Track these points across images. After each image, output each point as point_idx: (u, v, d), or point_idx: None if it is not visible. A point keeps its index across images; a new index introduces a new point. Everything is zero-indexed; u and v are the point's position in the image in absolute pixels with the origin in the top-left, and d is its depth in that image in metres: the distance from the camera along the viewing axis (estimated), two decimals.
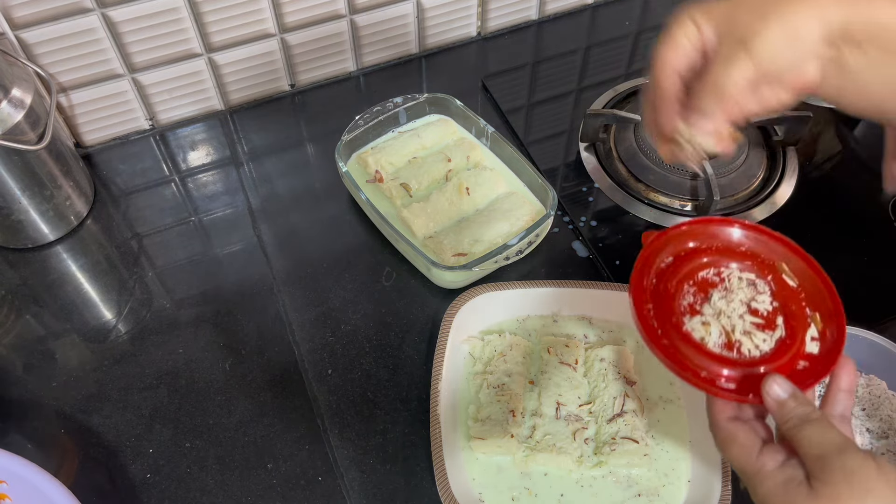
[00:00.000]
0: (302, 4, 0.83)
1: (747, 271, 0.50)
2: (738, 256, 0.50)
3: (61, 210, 0.76)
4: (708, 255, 0.50)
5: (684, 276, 0.49)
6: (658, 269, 0.49)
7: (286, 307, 0.72)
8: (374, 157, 0.79)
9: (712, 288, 0.49)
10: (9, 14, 0.71)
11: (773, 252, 0.50)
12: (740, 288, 0.49)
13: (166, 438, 0.64)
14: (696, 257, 0.50)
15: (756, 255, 0.50)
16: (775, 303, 0.48)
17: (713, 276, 0.49)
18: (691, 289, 0.49)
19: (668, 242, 0.50)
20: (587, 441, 0.61)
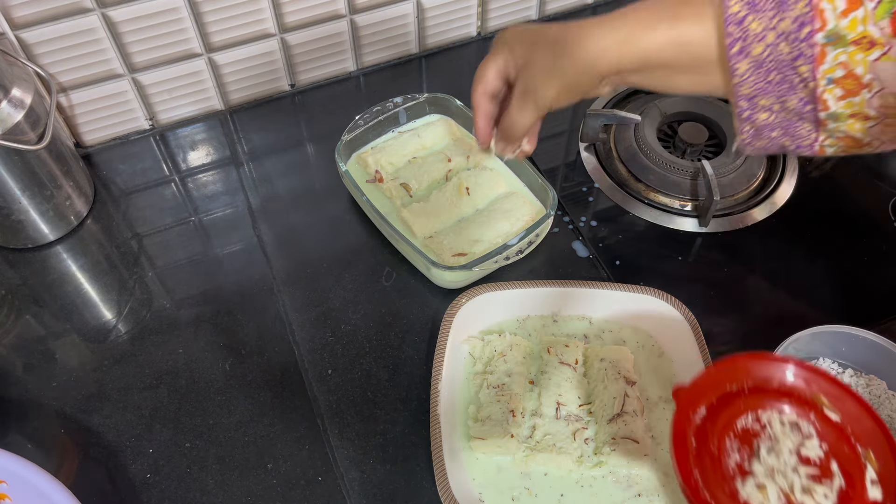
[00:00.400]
0: (302, 4, 0.83)
1: (788, 412, 0.47)
2: (774, 395, 0.48)
3: (61, 210, 0.76)
4: (742, 398, 0.47)
5: (723, 428, 0.46)
6: (695, 426, 0.47)
7: (286, 307, 0.72)
8: (374, 157, 0.79)
9: (756, 438, 0.46)
10: (9, 14, 0.71)
11: (808, 382, 0.48)
12: (785, 434, 0.46)
13: (166, 438, 0.64)
14: (730, 404, 0.47)
15: (791, 389, 0.48)
16: (824, 445, 0.46)
17: (753, 423, 0.47)
18: (734, 443, 0.46)
19: (699, 393, 0.48)
20: (587, 441, 0.61)
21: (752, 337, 0.68)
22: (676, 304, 0.66)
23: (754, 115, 0.47)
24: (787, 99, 0.45)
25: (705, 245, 0.76)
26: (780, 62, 0.43)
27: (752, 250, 0.75)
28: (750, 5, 0.43)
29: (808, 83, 0.43)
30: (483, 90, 0.53)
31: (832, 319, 0.63)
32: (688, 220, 0.77)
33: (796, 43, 0.42)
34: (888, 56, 0.40)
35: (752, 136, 0.48)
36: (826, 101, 0.43)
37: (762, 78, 0.45)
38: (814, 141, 0.46)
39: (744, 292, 0.72)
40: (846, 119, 0.44)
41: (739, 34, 0.43)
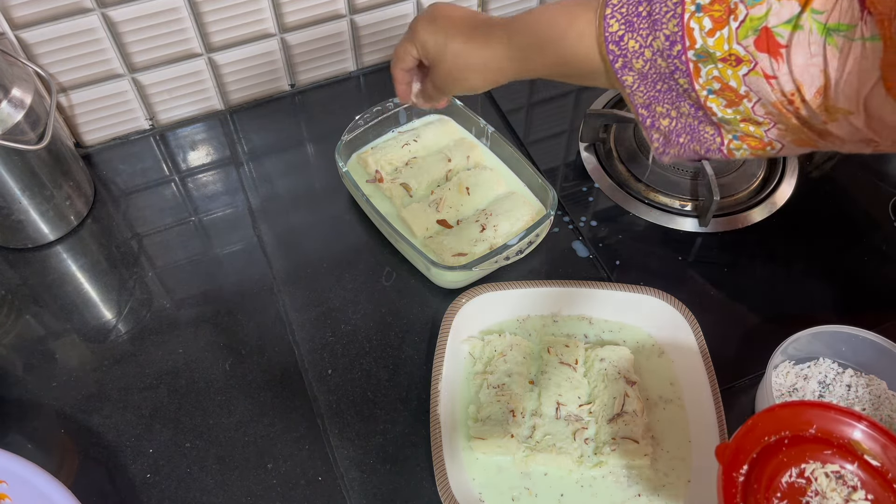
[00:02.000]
0: (302, 4, 0.83)
1: (830, 462, 0.47)
2: (814, 444, 0.48)
3: (61, 210, 0.76)
4: (782, 451, 0.47)
5: (768, 487, 0.46)
6: (741, 487, 0.46)
7: (286, 307, 0.72)
8: (374, 157, 0.79)
9: (803, 496, 0.46)
10: (9, 14, 0.71)
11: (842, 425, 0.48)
12: (832, 489, 0.46)
13: (166, 438, 0.64)
14: (772, 458, 0.47)
15: (829, 436, 0.48)
16: (870, 495, 0.46)
17: (798, 478, 0.47)
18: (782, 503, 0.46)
19: (741, 449, 0.48)
20: (587, 441, 0.61)
21: (752, 337, 0.68)
22: (676, 304, 0.66)
23: (656, 121, 0.49)
24: (680, 105, 0.47)
25: (705, 245, 0.76)
26: (660, 74, 0.46)
27: (752, 250, 0.75)
28: (627, 25, 0.45)
29: (690, 94, 0.45)
30: (401, 67, 0.60)
31: (832, 319, 0.63)
32: (688, 220, 0.77)
33: (671, 59, 0.44)
34: (755, 71, 0.42)
35: (663, 144, 0.51)
36: (711, 109, 0.45)
37: (651, 87, 0.47)
38: (720, 144, 0.48)
39: (744, 292, 0.72)
40: (738, 123, 0.46)
41: (619, 52, 0.46)
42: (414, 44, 0.57)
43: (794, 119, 0.43)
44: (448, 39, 0.54)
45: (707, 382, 0.62)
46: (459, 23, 0.54)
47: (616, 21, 0.46)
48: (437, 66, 0.56)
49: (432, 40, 0.55)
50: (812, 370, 0.64)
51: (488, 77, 0.54)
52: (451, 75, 0.55)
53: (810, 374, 0.64)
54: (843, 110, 0.41)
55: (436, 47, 0.55)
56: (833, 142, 0.44)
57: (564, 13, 0.49)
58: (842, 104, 0.40)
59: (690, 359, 0.64)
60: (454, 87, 0.56)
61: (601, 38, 0.47)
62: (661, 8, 0.44)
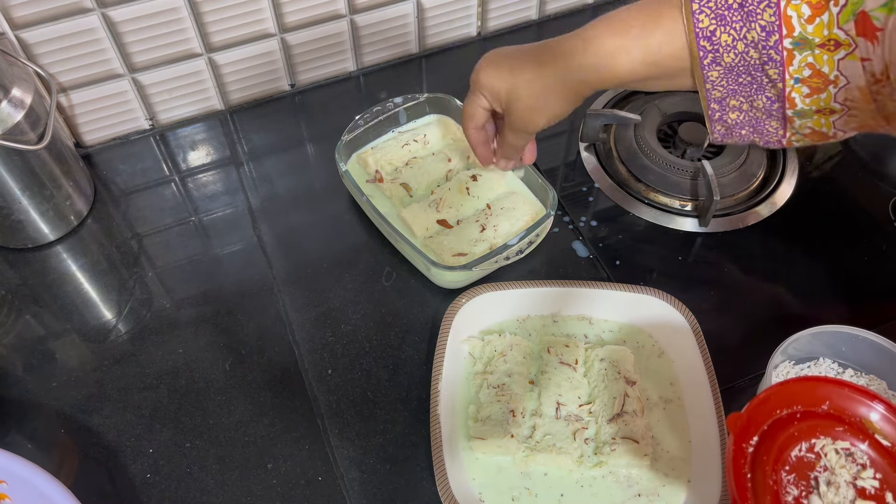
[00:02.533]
0: (302, 4, 0.83)
1: (840, 439, 0.47)
2: (825, 420, 0.48)
3: (61, 210, 0.76)
4: (794, 424, 0.48)
5: (777, 460, 0.46)
6: (750, 458, 0.47)
7: (286, 307, 0.72)
8: (374, 157, 0.79)
9: (811, 470, 0.46)
10: (9, 14, 0.71)
11: (856, 403, 0.48)
12: (841, 466, 0.46)
13: (166, 438, 0.64)
14: (782, 431, 0.47)
15: (842, 413, 0.48)
16: (878, 475, 0.46)
17: (807, 453, 0.47)
18: (790, 476, 0.46)
19: (752, 420, 0.48)
20: (587, 441, 0.61)
21: (752, 337, 0.68)
22: (676, 304, 0.66)
23: (725, 115, 0.49)
24: (756, 98, 0.47)
25: (705, 245, 0.76)
26: (749, 66, 0.45)
27: (752, 250, 0.75)
28: (719, 19, 0.44)
29: (777, 84, 0.45)
30: (474, 126, 0.58)
31: (832, 319, 0.63)
32: (688, 220, 0.77)
33: (765, 49, 0.44)
34: (853, 55, 0.42)
35: (723, 135, 0.51)
36: (793, 100, 0.45)
37: (732, 81, 0.47)
38: (781, 137, 0.49)
39: (744, 292, 0.72)
40: (812, 115, 0.46)
41: (711, 47, 0.45)
42: (482, 93, 0.54)
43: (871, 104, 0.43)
44: (515, 73, 0.52)
45: (707, 382, 0.62)
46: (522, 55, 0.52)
47: (706, 16, 0.45)
48: (513, 106, 0.53)
49: (500, 81, 0.53)
50: (812, 370, 0.64)
51: (569, 95, 0.52)
52: (529, 108, 0.53)
53: (810, 374, 0.63)
54: None
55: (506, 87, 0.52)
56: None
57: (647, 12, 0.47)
58: None
59: (690, 359, 0.64)
60: (536, 119, 0.54)
61: (692, 35, 0.45)
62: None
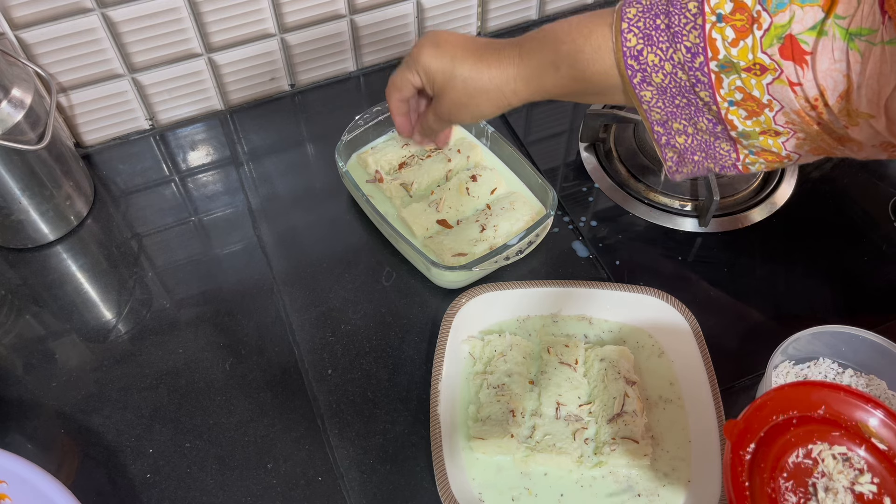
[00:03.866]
0: (302, 4, 0.83)
1: (837, 444, 0.47)
2: (822, 425, 0.47)
3: (61, 210, 0.76)
4: (790, 430, 0.47)
5: (775, 466, 0.46)
6: (748, 466, 0.46)
7: (286, 307, 0.72)
8: (374, 157, 0.79)
9: (809, 477, 0.46)
10: (9, 14, 0.71)
11: (851, 407, 0.48)
12: (839, 471, 0.46)
13: (166, 438, 0.64)
14: (779, 437, 0.47)
15: (837, 417, 0.48)
16: (876, 479, 0.46)
17: (805, 459, 0.47)
18: (788, 483, 0.46)
19: (749, 427, 0.47)
20: (587, 441, 0.61)
21: (752, 337, 0.68)
22: (676, 304, 0.66)
23: (672, 139, 0.49)
24: (697, 120, 0.47)
25: (705, 245, 0.76)
26: (681, 88, 0.45)
27: (752, 250, 0.75)
28: (646, 38, 0.45)
29: (711, 106, 0.45)
30: (399, 97, 0.57)
31: (832, 319, 0.63)
32: (688, 220, 0.77)
33: (692, 71, 0.44)
34: (780, 80, 0.42)
35: (677, 162, 0.50)
36: (732, 122, 0.45)
37: (669, 103, 0.47)
38: (735, 160, 0.48)
39: (744, 292, 0.72)
40: (757, 136, 0.45)
41: (638, 67, 0.46)
42: (416, 71, 0.54)
43: (815, 125, 0.43)
44: (456, 64, 0.51)
45: (707, 382, 0.62)
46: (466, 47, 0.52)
47: (634, 35, 0.45)
48: (445, 94, 0.53)
49: (438, 66, 0.52)
50: (812, 370, 0.64)
51: (501, 101, 0.52)
52: (459, 102, 0.53)
53: (810, 374, 0.64)
54: (865, 114, 0.40)
55: (443, 73, 0.52)
56: (852, 147, 0.44)
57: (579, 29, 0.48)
58: (864, 108, 0.40)
59: (690, 359, 0.64)
60: (462, 114, 0.54)
61: (619, 53, 0.46)
62: (680, 20, 0.43)
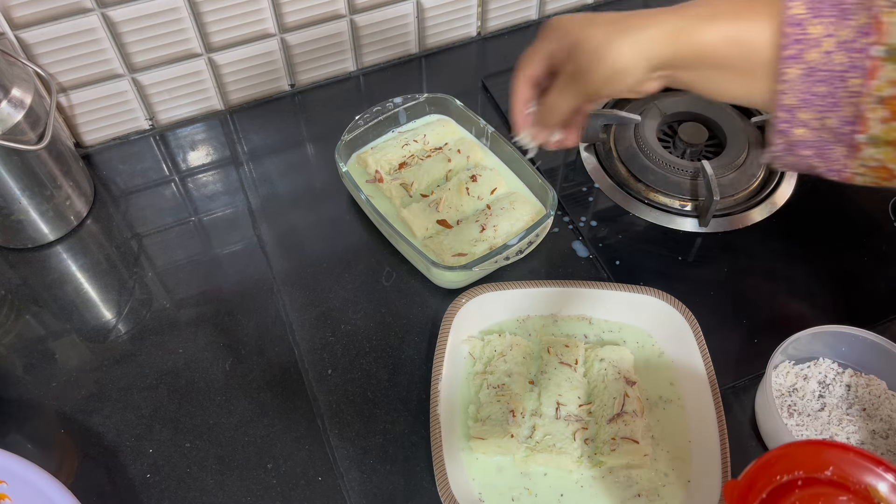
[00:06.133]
0: (302, 4, 0.83)
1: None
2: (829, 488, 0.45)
3: (61, 210, 0.76)
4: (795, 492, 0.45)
5: None
6: None
7: (286, 307, 0.72)
8: (374, 157, 0.79)
9: None
10: (9, 14, 0.71)
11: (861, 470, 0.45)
12: None
13: (166, 438, 0.64)
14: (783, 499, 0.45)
15: (846, 479, 0.45)
16: None
17: None
18: None
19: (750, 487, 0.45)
20: (587, 441, 0.61)
21: (752, 337, 0.68)
22: (676, 304, 0.66)
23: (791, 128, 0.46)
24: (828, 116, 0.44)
25: (705, 245, 0.76)
26: (831, 73, 0.42)
27: (752, 250, 0.75)
28: (812, 10, 0.42)
29: (855, 98, 0.42)
30: (524, 75, 0.51)
31: (832, 319, 0.63)
32: (688, 220, 0.77)
33: (853, 52, 0.41)
34: None
35: (784, 151, 0.47)
36: (867, 122, 0.42)
37: (808, 88, 0.44)
38: (843, 167, 0.45)
39: (744, 292, 0.72)
40: (883, 145, 0.43)
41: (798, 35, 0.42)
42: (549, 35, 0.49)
43: None
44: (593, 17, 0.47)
45: (707, 382, 0.62)
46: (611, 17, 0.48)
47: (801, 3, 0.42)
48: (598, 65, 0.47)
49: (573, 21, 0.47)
50: (812, 370, 0.64)
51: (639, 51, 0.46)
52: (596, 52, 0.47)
53: (810, 374, 0.64)
54: None
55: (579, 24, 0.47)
56: None
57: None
58: None
59: (690, 359, 0.64)
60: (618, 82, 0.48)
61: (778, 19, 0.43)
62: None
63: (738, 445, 0.61)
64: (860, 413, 0.61)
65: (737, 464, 0.58)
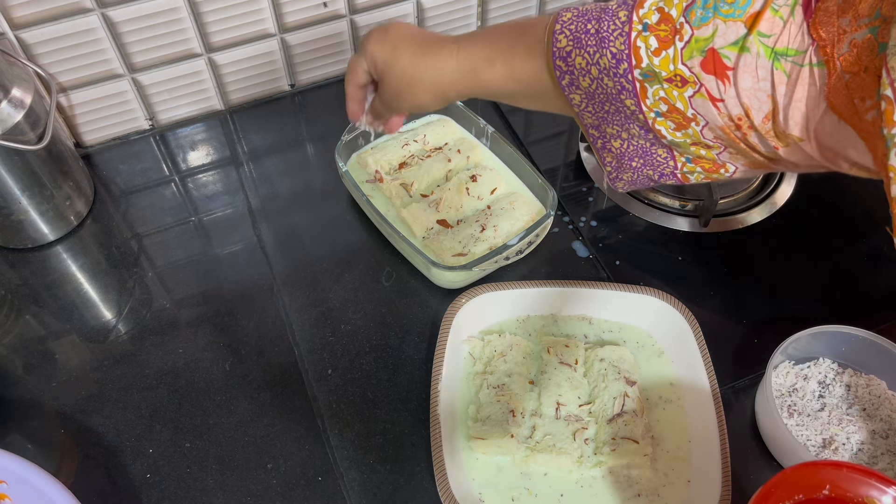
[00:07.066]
0: (302, 4, 0.83)
1: None
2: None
3: (61, 210, 0.76)
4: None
5: None
6: None
7: (286, 307, 0.72)
8: (374, 157, 0.79)
9: None
10: (9, 14, 0.71)
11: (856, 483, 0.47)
12: None
13: (166, 438, 0.64)
14: None
15: (843, 495, 0.47)
16: None
17: None
18: None
19: None
20: (587, 441, 0.61)
21: (752, 337, 0.68)
22: (676, 305, 0.66)
23: (607, 142, 0.48)
24: (629, 126, 0.46)
25: (705, 245, 0.76)
26: (608, 94, 0.45)
27: (752, 250, 0.75)
28: (575, 41, 0.45)
29: (638, 115, 0.44)
30: (354, 83, 0.58)
31: (832, 319, 0.63)
32: (688, 220, 0.77)
33: (617, 77, 0.44)
34: (701, 94, 0.41)
35: (616, 168, 0.50)
36: (660, 132, 0.45)
37: (598, 108, 0.47)
38: (674, 168, 0.47)
39: (744, 292, 0.72)
40: (689, 147, 0.45)
41: (566, 68, 0.46)
42: (364, 57, 0.56)
43: (742, 144, 0.43)
44: (397, 52, 0.53)
45: (707, 382, 0.62)
46: (411, 38, 0.53)
47: (564, 37, 0.45)
48: (386, 81, 0.55)
49: (381, 53, 0.54)
50: (812, 370, 0.64)
51: (438, 92, 0.53)
52: (398, 90, 0.54)
53: (810, 374, 0.64)
54: (795, 137, 0.40)
55: (384, 60, 0.54)
56: (786, 166, 0.44)
57: (518, 28, 0.49)
58: (792, 130, 0.40)
59: (690, 359, 0.64)
60: (402, 102, 0.55)
61: (549, 54, 0.46)
62: (609, 26, 0.43)
63: (738, 445, 0.61)
64: (860, 413, 0.61)
65: (737, 464, 0.58)
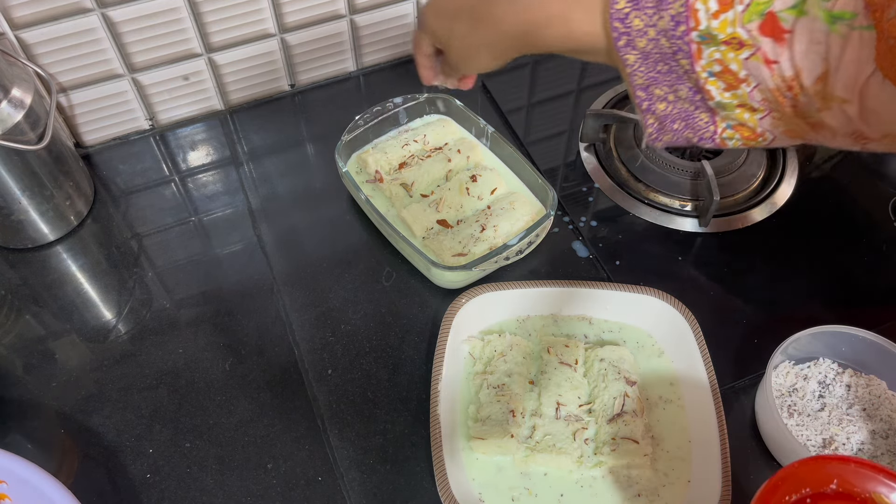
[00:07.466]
0: (302, 4, 0.83)
1: None
2: (835, 500, 0.46)
3: (61, 210, 0.76)
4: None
5: None
6: None
7: (286, 307, 0.72)
8: (374, 157, 0.79)
9: None
10: (9, 14, 0.71)
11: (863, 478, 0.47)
12: None
13: (166, 438, 0.64)
14: None
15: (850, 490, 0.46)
16: None
17: None
18: None
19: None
20: (587, 441, 0.61)
21: (752, 337, 0.68)
22: (676, 304, 0.66)
23: (653, 105, 0.49)
24: (679, 88, 0.47)
25: (705, 245, 0.76)
26: (663, 55, 0.46)
27: (752, 250, 0.75)
28: (633, 2, 0.45)
29: (691, 75, 0.46)
30: (422, 53, 0.61)
31: (832, 319, 0.63)
32: (688, 220, 0.77)
33: (674, 39, 0.45)
34: (756, 56, 0.42)
35: (657, 129, 0.51)
36: (710, 92, 0.46)
37: (651, 68, 0.47)
38: (713, 133, 0.48)
39: (744, 292, 0.72)
40: (734, 108, 0.46)
41: (624, 29, 0.46)
42: (425, 32, 0.58)
43: (788, 108, 0.43)
44: (454, 23, 0.55)
45: (707, 382, 0.62)
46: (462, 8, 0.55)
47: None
48: (448, 51, 0.57)
49: (439, 26, 0.56)
50: (812, 370, 0.64)
51: (496, 54, 0.55)
52: (461, 57, 0.56)
53: (810, 374, 0.64)
54: (840, 98, 0.41)
55: (443, 32, 0.56)
56: (825, 134, 0.44)
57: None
58: (839, 92, 0.41)
59: (690, 359, 0.64)
60: (468, 67, 0.58)
61: (606, 15, 0.47)
62: None
63: (738, 445, 0.61)
64: (860, 413, 0.61)
65: (737, 464, 0.58)
